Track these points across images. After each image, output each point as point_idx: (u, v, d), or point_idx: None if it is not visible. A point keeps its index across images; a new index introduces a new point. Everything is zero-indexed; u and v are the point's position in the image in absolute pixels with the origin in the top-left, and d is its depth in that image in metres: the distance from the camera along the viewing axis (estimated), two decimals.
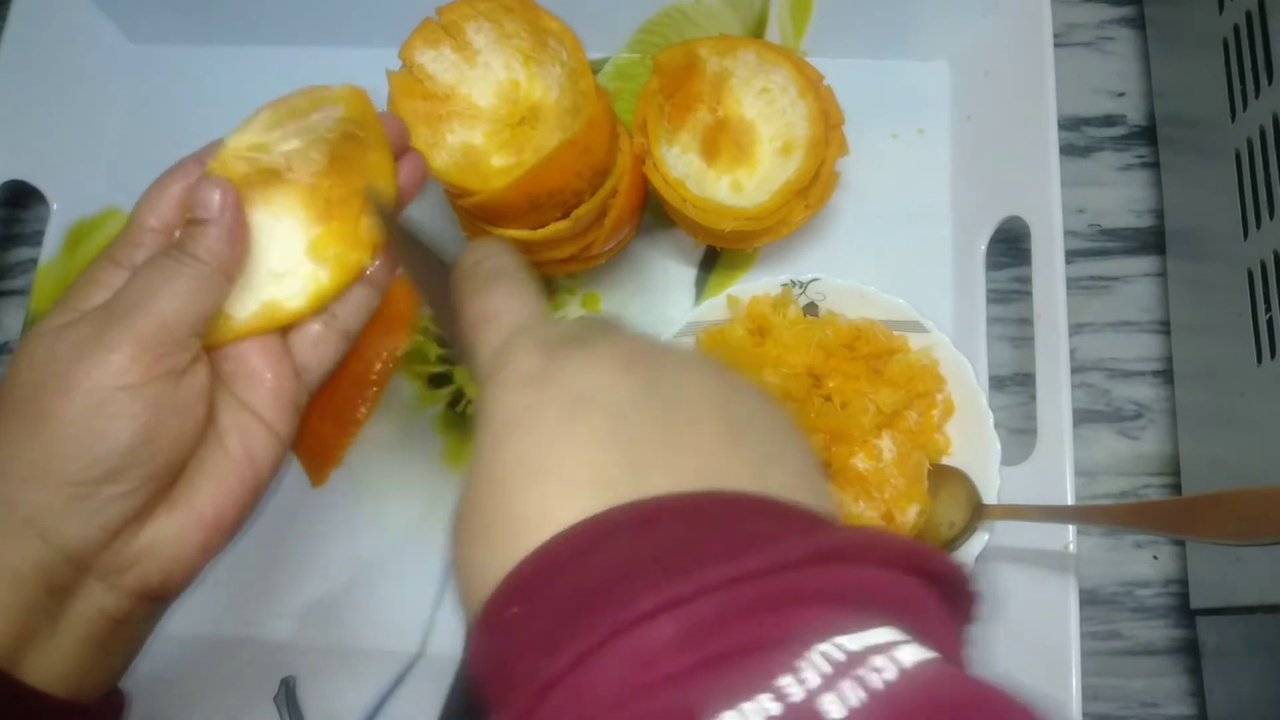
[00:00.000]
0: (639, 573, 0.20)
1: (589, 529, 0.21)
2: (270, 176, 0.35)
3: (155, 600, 0.33)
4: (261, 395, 0.34)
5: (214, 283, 0.32)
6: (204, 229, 0.32)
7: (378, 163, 0.35)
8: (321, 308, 0.35)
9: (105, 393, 0.30)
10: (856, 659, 0.17)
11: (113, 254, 0.33)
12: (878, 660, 0.17)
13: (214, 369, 0.34)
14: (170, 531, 0.32)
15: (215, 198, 0.32)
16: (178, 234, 0.33)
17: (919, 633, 0.18)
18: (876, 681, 0.17)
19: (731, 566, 0.19)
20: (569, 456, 0.22)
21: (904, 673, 0.17)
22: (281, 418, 0.35)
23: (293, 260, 0.35)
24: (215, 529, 0.33)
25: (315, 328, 0.36)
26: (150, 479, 0.31)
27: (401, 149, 0.37)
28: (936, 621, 0.20)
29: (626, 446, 0.22)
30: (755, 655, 0.17)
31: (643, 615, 0.18)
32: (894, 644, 0.17)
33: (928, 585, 0.20)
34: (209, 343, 0.33)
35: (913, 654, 0.17)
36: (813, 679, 0.17)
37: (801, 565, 0.19)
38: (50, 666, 0.31)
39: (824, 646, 0.17)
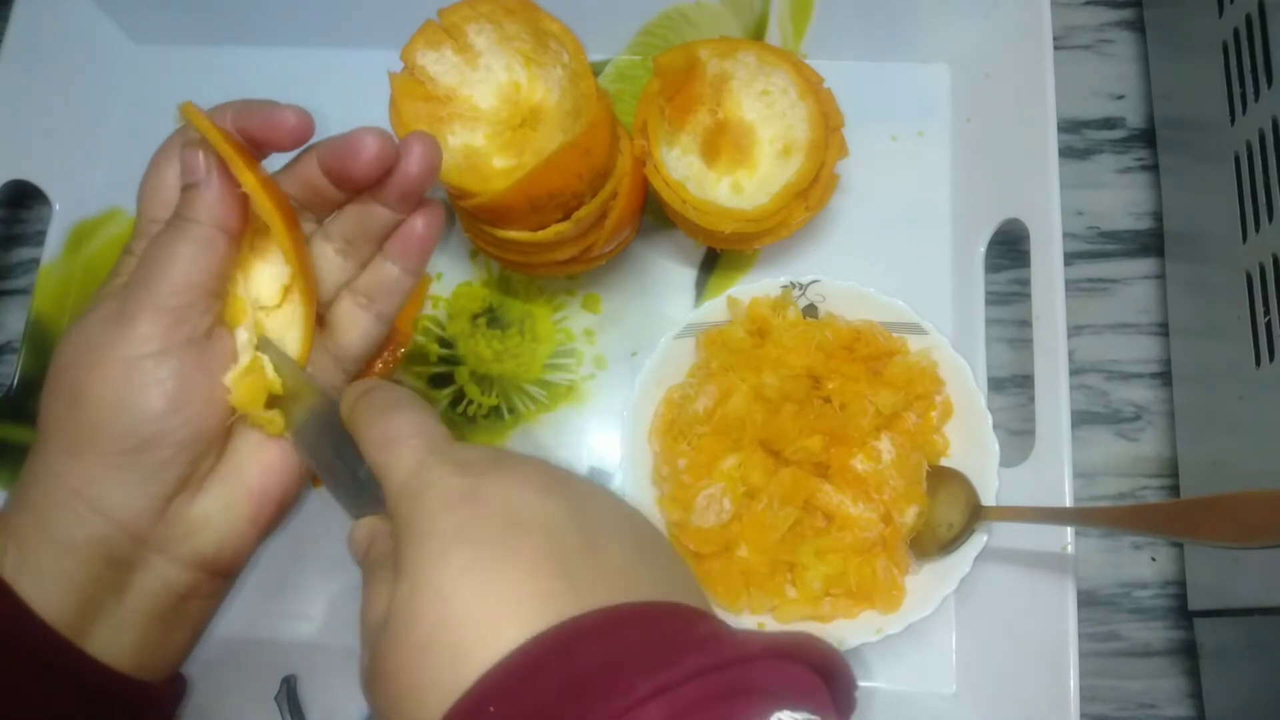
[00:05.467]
0: (618, 668, 0.22)
1: (558, 635, 0.23)
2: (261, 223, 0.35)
3: (215, 575, 0.34)
4: None
5: (215, 241, 0.33)
6: (196, 192, 0.33)
7: (242, 177, 0.33)
8: (309, 341, 0.36)
9: (131, 363, 0.31)
10: None
11: (129, 246, 0.35)
12: None
13: None
14: (221, 502, 0.34)
15: (199, 160, 0.33)
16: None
17: (817, 709, 0.23)
18: None
19: (701, 659, 0.22)
20: (513, 572, 0.24)
21: None
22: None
23: (286, 295, 0.36)
24: (263, 501, 0.35)
25: (346, 309, 0.37)
26: (186, 445, 0.32)
27: (268, 131, 0.34)
28: (827, 702, 0.24)
29: (562, 563, 0.25)
30: None
31: (636, 701, 0.21)
32: None
33: (817, 672, 0.25)
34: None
35: None
36: None
37: (748, 660, 0.23)
38: (116, 642, 0.32)
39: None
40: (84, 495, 0.31)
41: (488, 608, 0.24)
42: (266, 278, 0.36)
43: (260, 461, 0.35)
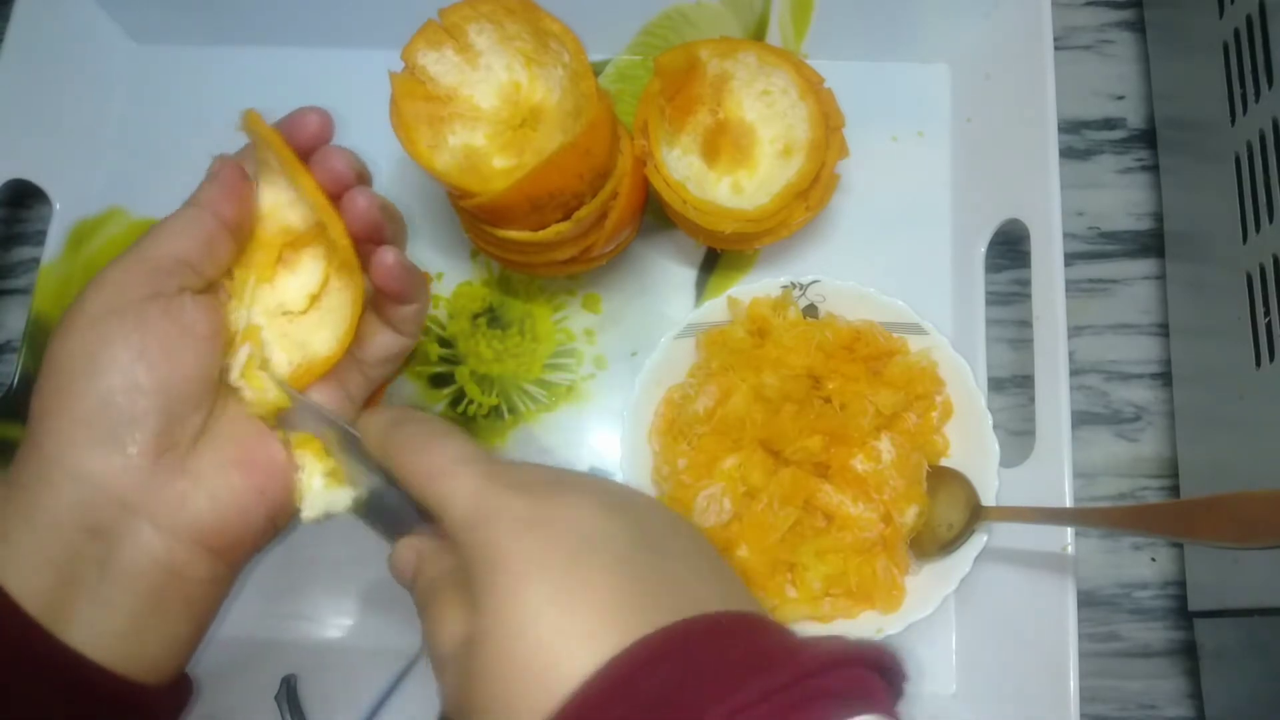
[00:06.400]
0: (692, 690, 0.23)
1: (631, 660, 0.24)
2: (298, 237, 0.37)
3: (215, 554, 0.33)
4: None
5: (204, 220, 0.34)
6: (204, 182, 0.36)
7: (296, 179, 0.36)
8: (351, 335, 0.37)
9: (98, 317, 0.32)
10: None
11: None
12: None
13: None
14: (217, 467, 0.33)
15: (217, 163, 0.36)
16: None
17: (878, 708, 0.24)
18: None
19: (769, 678, 0.23)
20: (589, 597, 0.25)
21: None
22: (346, 393, 0.38)
23: (323, 300, 0.38)
24: (270, 473, 0.34)
25: (368, 319, 0.39)
26: (158, 398, 0.31)
27: (321, 140, 0.37)
28: (887, 698, 0.25)
29: (631, 583, 0.25)
30: None
31: None
32: None
33: (876, 671, 0.25)
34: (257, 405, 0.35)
35: None
36: None
37: (816, 674, 0.24)
38: (102, 624, 0.30)
39: None
40: (61, 462, 0.30)
41: (567, 637, 0.24)
42: (294, 288, 0.37)
43: (269, 438, 0.35)
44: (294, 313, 0.37)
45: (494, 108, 0.45)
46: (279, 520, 0.35)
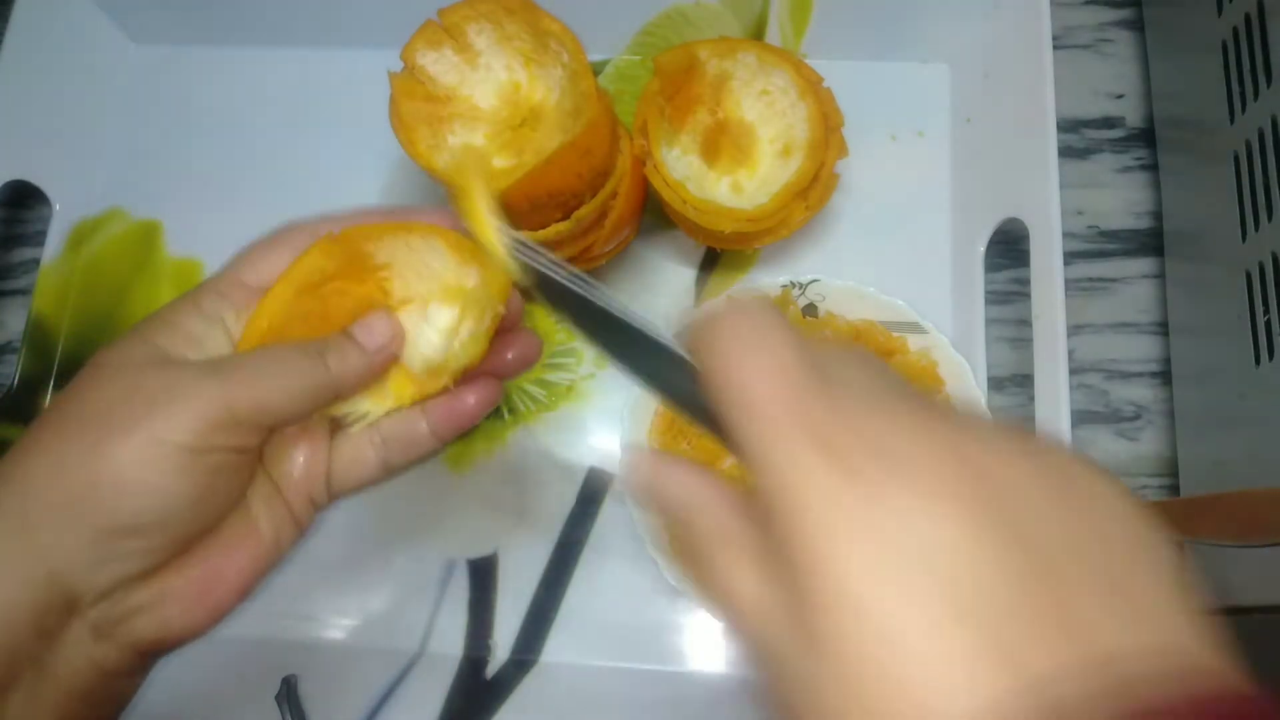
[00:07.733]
0: None
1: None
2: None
3: (148, 655, 0.32)
4: (290, 486, 0.34)
5: (323, 394, 0.31)
6: (353, 349, 0.32)
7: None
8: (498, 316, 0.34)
9: (169, 447, 0.28)
10: None
11: (199, 301, 0.31)
12: None
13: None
14: (176, 586, 0.31)
15: (383, 334, 0.32)
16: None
17: None
18: None
19: None
20: (929, 645, 0.19)
21: None
22: (304, 509, 0.34)
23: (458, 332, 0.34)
24: (224, 591, 0.32)
25: (357, 444, 0.35)
26: (175, 543, 0.30)
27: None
28: None
29: (991, 635, 0.19)
30: None
31: None
32: None
33: None
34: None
35: None
36: None
37: None
38: (33, 718, 0.29)
39: None
40: (48, 559, 0.28)
41: (904, 701, 0.19)
42: (430, 330, 0.34)
43: (237, 553, 0.32)
44: (448, 329, 0.34)
45: (493, 108, 0.45)
46: (220, 620, 0.33)
